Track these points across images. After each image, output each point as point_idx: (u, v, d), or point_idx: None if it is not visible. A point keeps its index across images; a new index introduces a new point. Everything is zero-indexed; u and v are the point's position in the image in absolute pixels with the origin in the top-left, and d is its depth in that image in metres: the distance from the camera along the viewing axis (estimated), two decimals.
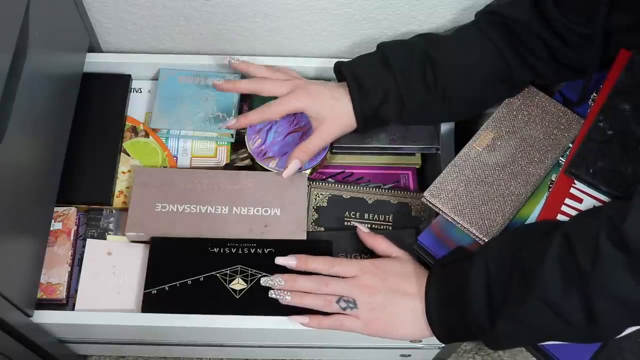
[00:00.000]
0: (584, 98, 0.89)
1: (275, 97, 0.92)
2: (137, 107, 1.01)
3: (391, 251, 0.85)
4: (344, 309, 0.80)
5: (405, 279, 0.81)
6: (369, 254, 0.90)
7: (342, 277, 0.82)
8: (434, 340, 0.80)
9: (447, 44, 0.89)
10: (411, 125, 0.97)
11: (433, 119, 0.96)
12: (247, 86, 0.94)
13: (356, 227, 0.89)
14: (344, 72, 0.90)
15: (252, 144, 0.96)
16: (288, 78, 0.93)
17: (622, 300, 0.67)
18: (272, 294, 0.83)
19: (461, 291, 0.74)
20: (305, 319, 0.82)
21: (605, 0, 0.78)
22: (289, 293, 0.82)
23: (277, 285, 0.83)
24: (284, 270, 0.85)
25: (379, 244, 0.86)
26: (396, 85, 0.87)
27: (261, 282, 0.84)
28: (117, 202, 0.94)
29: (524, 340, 0.77)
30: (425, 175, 1.02)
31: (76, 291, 0.89)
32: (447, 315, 0.76)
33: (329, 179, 0.99)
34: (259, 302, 0.84)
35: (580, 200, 0.81)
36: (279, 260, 0.85)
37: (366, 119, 0.90)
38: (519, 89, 0.90)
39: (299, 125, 0.97)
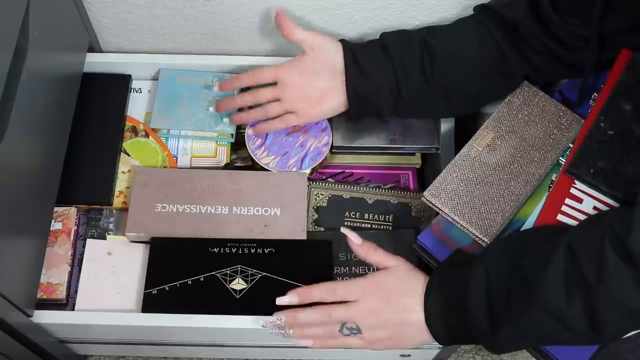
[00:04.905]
0: (583, 100, 0.89)
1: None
2: (137, 107, 1.01)
3: (387, 262, 0.81)
4: (348, 335, 0.79)
5: (406, 294, 0.79)
6: None
7: (345, 302, 0.79)
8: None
9: (445, 33, 0.89)
10: (406, 117, 0.97)
11: (429, 111, 0.95)
12: (273, 126, 0.95)
13: (347, 237, 0.83)
14: (343, 48, 0.90)
15: (252, 144, 0.97)
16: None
17: (628, 311, 0.67)
18: (273, 332, 0.81)
19: (462, 299, 0.73)
20: (309, 341, 0.80)
21: (599, 2, 0.78)
22: (290, 328, 0.80)
23: (279, 324, 0.80)
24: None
25: (372, 256, 0.82)
26: (393, 71, 0.87)
27: (262, 324, 0.81)
28: (117, 202, 0.94)
29: (525, 345, 0.77)
30: (425, 175, 1.02)
31: (76, 291, 0.89)
32: (448, 320, 0.76)
33: (329, 179, 0.99)
34: (259, 302, 0.84)
35: (580, 201, 0.81)
36: (280, 301, 0.81)
37: (359, 101, 0.89)
38: (516, 83, 0.90)
39: (299, 125, 0.97)
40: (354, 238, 0.83)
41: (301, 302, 0.81)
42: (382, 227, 0.95)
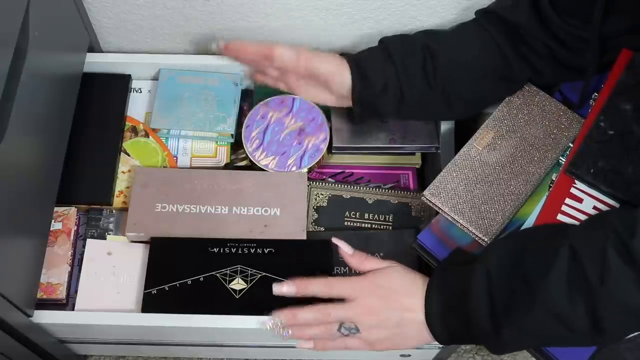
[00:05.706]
0: (584, 102, 0.89)
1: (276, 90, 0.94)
2: (137, 107, 1.01)
3: (381, 265, 0.81)
4: (347, 335, 0.78)
5: (404, 293, 0.78)
6: (368, 253, 0.89)
7: (343, 300, 0.79)
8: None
9: (447, 38, 0.89)
10: (408, 119, 0.97)
11: (431, 114, 0.96)
12: None
13: (338, 248, 0.82)
14: (346, 60, 0.90)
15: (250, 146, 0.97)
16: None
17: (631, 313, 0.67)
18: (273, 333, 0.79)
19: (463, 299, 0.73)
20: (310, 344, 0.80)
21: (599, 3, 0.78)
22: (289, 328, 0.79)
23: (279, 325, 0.79)
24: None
25: (364, 265, 0.82)
26: (396, 76, 0.87)
27: (261, 325, 0.80)
28: (117, 202, 0.94)
29: (527, 345, 0.76)
30: (425, 175, 1.02)
31: (76, 291, 0.89)
32: (448, 319, 0.75)
33: (329, 179, 0.99)
34: (259, 302, 0.84)
35: (580, 200, 0.81)
36: (277, 290, 0.79)
37: (363, 106, 0.89)
38: (518, 87, 0.90)
39: (296, 123, 0.97)
40: (345, 248, 0.81)
41: (297, 294, 0.79)
42: (382, 227, 0.95)
